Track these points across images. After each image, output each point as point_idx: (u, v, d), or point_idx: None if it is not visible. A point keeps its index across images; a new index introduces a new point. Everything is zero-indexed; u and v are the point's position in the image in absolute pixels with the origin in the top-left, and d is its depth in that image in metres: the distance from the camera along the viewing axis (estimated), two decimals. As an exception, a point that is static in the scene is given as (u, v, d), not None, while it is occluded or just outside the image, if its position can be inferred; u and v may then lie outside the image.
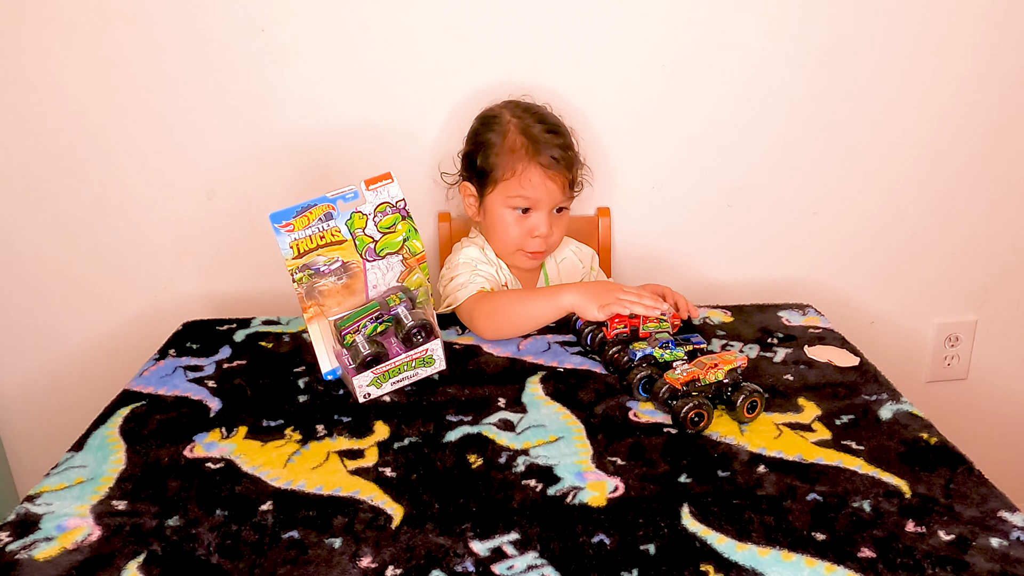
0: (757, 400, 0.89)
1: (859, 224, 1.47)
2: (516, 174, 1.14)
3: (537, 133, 1.15)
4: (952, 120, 1.41)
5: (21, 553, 0.70)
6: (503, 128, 1.17)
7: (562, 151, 1.15)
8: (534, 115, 1.19)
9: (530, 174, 1.14)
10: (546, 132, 1.16)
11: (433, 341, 0.97)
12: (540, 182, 1.14)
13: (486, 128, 1.19)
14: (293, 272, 0.94)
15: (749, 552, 0.70)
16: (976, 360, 1.58)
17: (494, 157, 1.16)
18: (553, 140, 1.16)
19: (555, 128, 1.18)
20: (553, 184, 1.15)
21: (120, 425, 0.90)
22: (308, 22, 1.26)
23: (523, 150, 1.14)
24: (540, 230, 1.16)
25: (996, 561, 0.68)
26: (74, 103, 1.27)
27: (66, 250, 1.35)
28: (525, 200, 1.15)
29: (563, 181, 1.16)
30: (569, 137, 1.20)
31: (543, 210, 1.16)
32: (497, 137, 1.17)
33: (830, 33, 1.34)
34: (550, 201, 1.16)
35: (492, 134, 1.17)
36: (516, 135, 1.16)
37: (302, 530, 0.73)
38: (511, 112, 1.19)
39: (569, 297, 1.06)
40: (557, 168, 1.14)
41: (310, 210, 0.94)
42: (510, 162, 1.14)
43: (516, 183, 1.14)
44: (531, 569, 0.68)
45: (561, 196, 1.17)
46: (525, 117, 1.18)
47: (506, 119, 1.18)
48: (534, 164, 1.14)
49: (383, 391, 0.96)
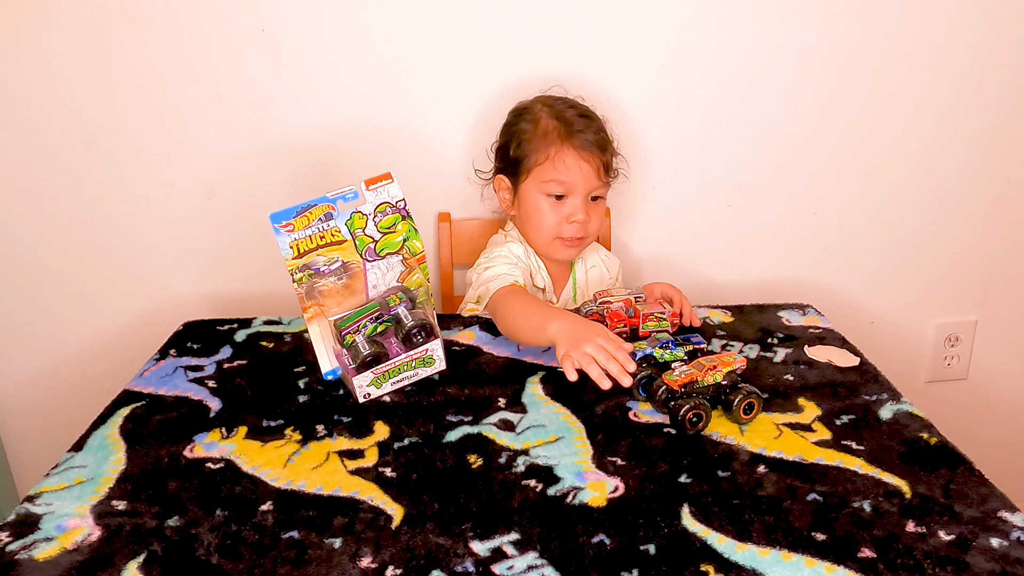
0: (754, 401, 0.89)
1: (859, 224, 1.47)
2: (550, 157, 1.14)
3: (570, 117, 1.16)
4: (952, 120, 1.42)
5: (21, 553, 0.70)
6: (535, 116, 1.17)
7: (595, 134, 1.15)
8: (565, 102, 1.19)
9: (564, 156, 1.13)
10: (578, 116, 1.16)
11: (433, 341, 0.97)
12: (575, 164, 1.13)
13: (518, 118, 1.19)
14: (293, 272, 0.94)
15: (749, 552, 0.70)
16: (976, 360, 1.58)
17: (527, 144, 1.16)
18: (586, 123, 1.16)
19: (587, 113, 1.18)
20: (588, 166, 1.14)
21: (120, 425, 0.90)
22: (308, 22, 1.26)
23: (555, 133, 1.14)
24: (577, 216, 1.15)
25: (996, 561, 0.68)
26: (74, 103, 1.27)
27: (66, 250, 1.35)
28: (560, 185, 1.14)
29: (597, 164, 1.15)
30: (601, 122, 1.19)
31: (578, 195, 1.15)
32: (529, 125, 1.17)
33: (830, 33, 1.34)
34: (585, 185, 1.15)
35: (524, 123, 1.18)
36: (548, 120, 1.16)
37: (302, 530, 0.73)
38: (542, 102, 1.20)
39: (553, 328, 0.96)
40: (591, 150, 1.14)
41: (310, 210, 0.94)
42: (543, 146, 1.14)
43: (551, 166, 1.14)
44: (531, 569, 0.68)
45: (596, 181, 1.16)
46: (556, 104, 1.18)
47: (537, 108, 1.18)
48: (567, 146, 1.13)
49: (383, 391, 0.96)
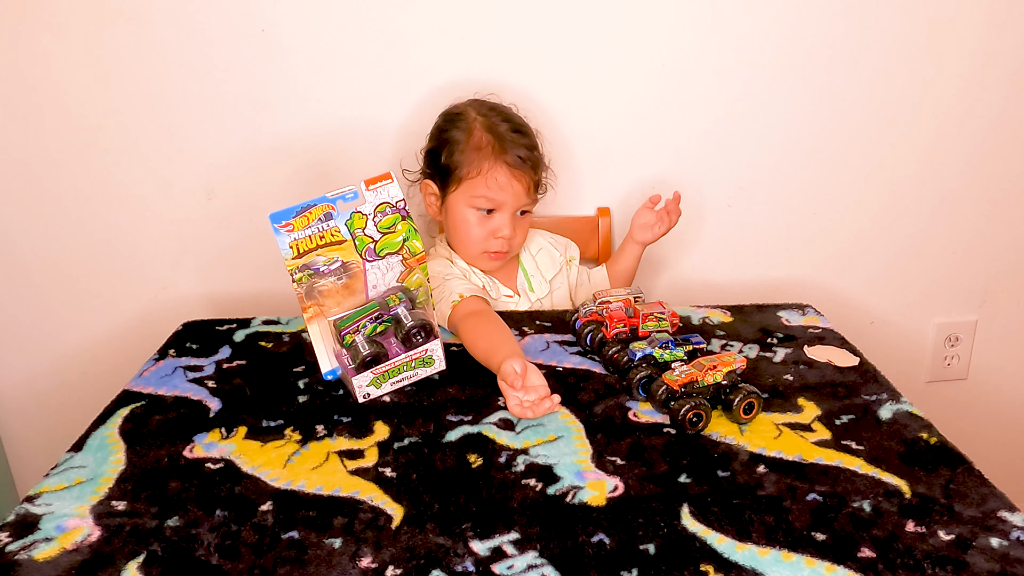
0: (754, 401, 0.89)
1: (859, 224, 1.47)
2: (482, 173, 1.12)
3: (504, 132, 1.13)
4: (952, 120, 1.41)
5: (21, 554, 0.70)
6: (468, 125, 1.14)
7: (528, 151, 1.13)
8: (500, 114, 1.16)
9: (496, 173, 1.11)
10: (512, 131, 1.14)
11: (433, 341, 0.97)
12: (506, 182, 1.12)
13: (451, 125, 1.16)
14: (293, 272, 0.94)
15: (749, 552, 0.70)
16: (976, 360, 1.58)
17: (459, 155, 1.13)
18: (519, 140, 1.14)
19: (521, 128, 1.16)
20: (519, 184, 1.13)
21: (120, 425, 0.90)
22: (308, 22, 1.26)
23: (489, 148, 1.12)
24: (503, 232, 1.14)
25: (996, 561, 0.68)
26: (74, 103, 1.27)
27: (66, 250, 1.35)
28: (489, 201, 1.13)
29: (528, 182, 1.13)
30: (534, 138, 1.17)
31: (507, 211, 1.14)
32: (462, 134, 1.14)
33: (830, 33, 1.34)
34: (515, 202, 1.14)
35: (457, 131, 1.15)
36: (482, 133, 1.13)
37: (302, 530, 0.73)
38: (476, 110, 1.16)
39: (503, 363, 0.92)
40: (523, 168, 1.12)
41: (310, 210, 0.94)
42: (475, 160, 1.12)
43: (482, 182, 1.12)
44: (531, 569, 0.68)
45: (526, 198, 1.15)
46: (491, 115, 1.15)
47: (471, 116, 1.15)
48: (500, 163, 1.12)
49: (383, 391, 0.96)
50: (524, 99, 1.32)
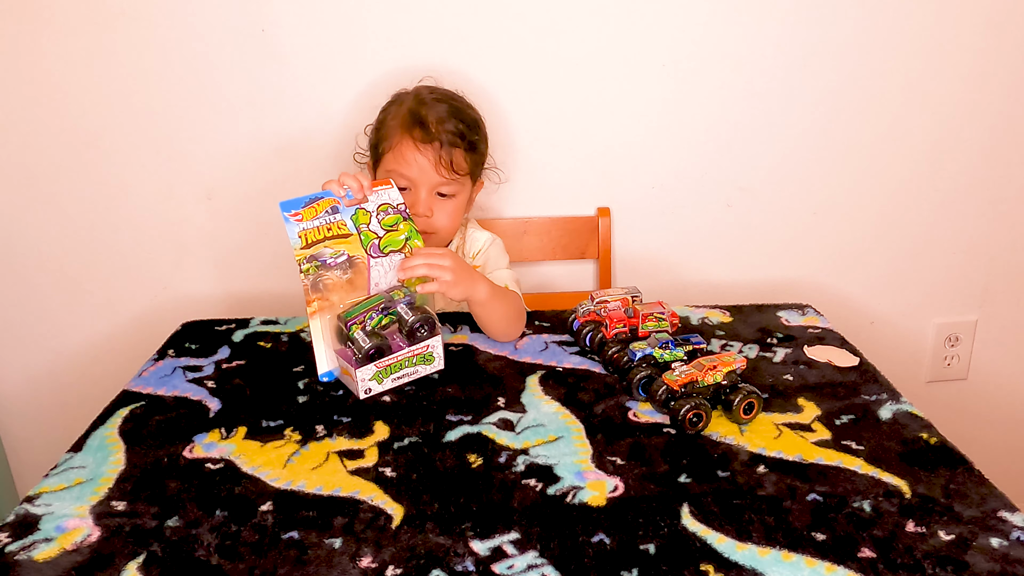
0: (754, 401, 0.89)
1: (859, 224, 1.47)
2: (393, 147, 1.09)
3: (421, 110, 1.09)
4: (952, 120, 1.41)
5: (20, 554, 0.70)
6: (400, 102, 1.13)
7: (440, 125, 1.08)
8: (436, 94, 1.12)
9: (403, 147, 1.08)
10: (434, 108, 1.10)
11: (435, 337, 0.98)
12: (412, 156, 1.07)
13: (389, 102, 1.15)
14: (301, 263, 0.94)
15: (749, 552, 0.70)
16: (976, 360, 1.58)
17: (383, 131, 1.12)
18: (435, 116, 1.09)
19: (451, 110, 1.11)
20: (424, 159, 1.07)
21: (119, 425, 0.90)
22: (308, 22, 1.26)
23: (404, 122, 1.09)
24: (417, 208, 1.08)
25: (996, 561, 0.68)
26: (74, 103, 1.27)
27: (66, 250, 1.35)
28: (399, 176, 1.08)
29: (436, 157, 1.07)
30: (463, 120, 1.11)
31: (421, 188, 1.09)
32: (391, 112, 1.13)
33: (830, 33, 1.34)
34: (425, 178, 1.09)
35: (390, 108, 1.14)
36: (405, 109, 1.11)
37: (302, 530, 0.73)
38: (416, 90, 1.14)
39: None
40: (431, 143, 1.07)
41: (318, 202, 0.95)
42: (391, 135, 1.10)
43: (392, 157, 1.10)
44: (531, 568, 0.68)
45: (435, 175, 1.08)
46: (424, 95, 1.12)
47: (410, 94, 1.14)
48: (407, 137, 1.08)
49: (384, 387, 0.96)
50: (524, 99, 1.32)
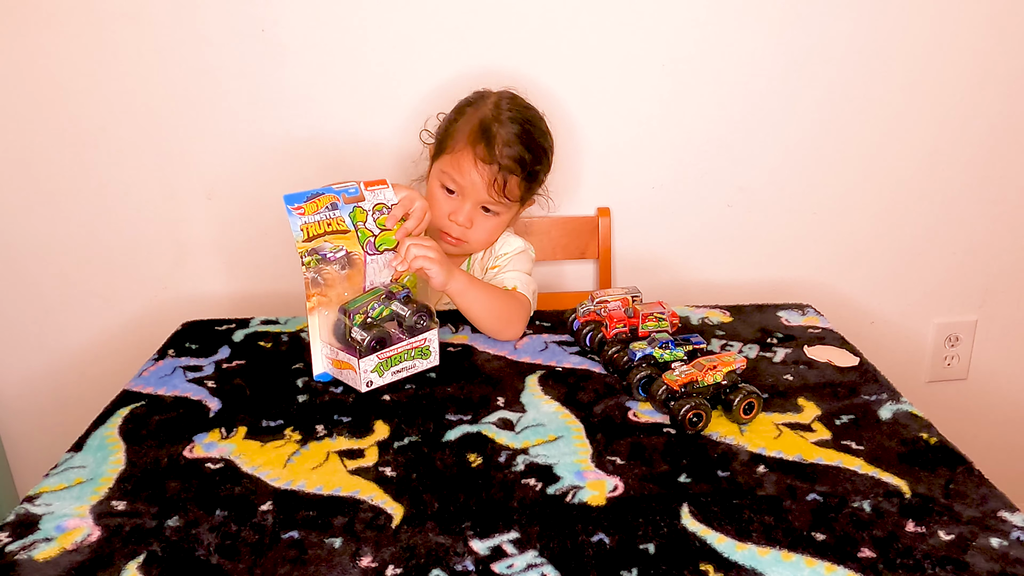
0: (754, 401, 0.89)
1: (859, 224, 1.47)
2: (454, 152, 1.11)
3: (496, 127, 1.10)
4: (952, 120, 1.41)
5: (20, 554, 0.70)
6: (477, 107, 1.14)
7: (506, 149, 1.09)
8: (514, 111, 1.13)
9: (464, 157, 1.10)
10: (506, 128, 1.10)
11: (432, 330, 0.99)
12: (468, 168, 1.10)
13: (468, 102, 1.16)
14: (303, 255, 0.95)
15: (749, 552, 0.70)
16: (976, 360, 1.58)
17: (453, 128, 1.13)
18: (503, 137, 1.09)
19: (521, 134, 1.11)
20: (480, 178, 1.09)
21: (120, 425, 0.90)
22: (308, 22, 1.26)
23: (472, 133, 1.11)
24: (457, 216, 1.12)
25: (996, 561, 0.68)
26: (74, 103, 1.27)
27: (66, 250, 1.35)
28: (451, 180, 1.11)
29: (490, 178, 1.09)
30: (530, 147, 1.12)
31: (468, 199, 1.11)
32: (467, 112, 1.14)
33: (831, 34, 1.34)
34: (474, 193, 1.11)
35: (469, 107, 1.15)
36: (478, 118, 1.12)
37: (302, 530, 0.73)
38: (497, 98, 1.15)
39: None
40: (492, 164, 1.09)
41: (319, 197, 0.96)
42: (459, 138, 1.11)
43: (450, 160, 1.11)
44: (531, 568, 0.68)
45: (485, 194, 1.10)
46: (504, 109, 1.13)
47: (489, 102, 1.14)
48: (470, 150, 1.10)
49: (384, 380, 0.96)
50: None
